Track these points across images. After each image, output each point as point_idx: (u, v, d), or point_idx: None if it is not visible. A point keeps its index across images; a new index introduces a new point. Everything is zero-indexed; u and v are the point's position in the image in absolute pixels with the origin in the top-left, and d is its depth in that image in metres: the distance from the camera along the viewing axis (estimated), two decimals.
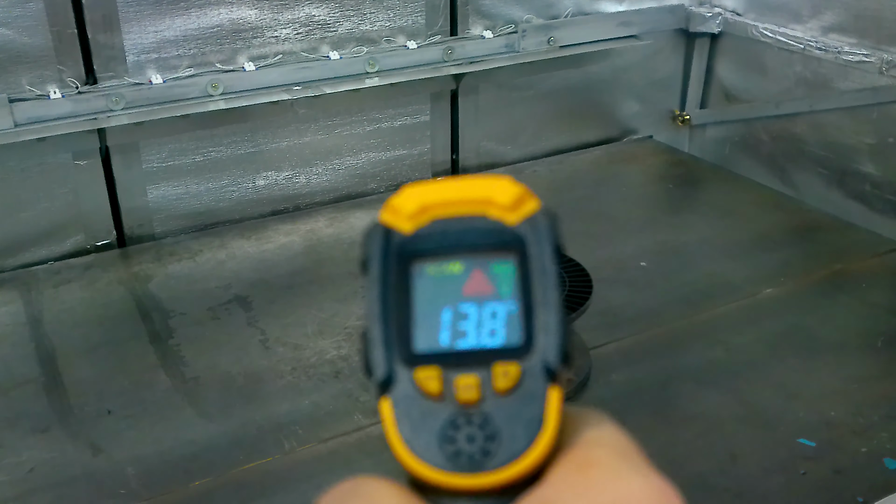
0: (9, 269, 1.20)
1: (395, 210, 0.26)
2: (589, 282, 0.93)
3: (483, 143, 1.51)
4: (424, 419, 0.24)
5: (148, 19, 1.18)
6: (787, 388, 0.94)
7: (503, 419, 0.23)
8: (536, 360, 0.24)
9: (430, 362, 0.24)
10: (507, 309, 0.25)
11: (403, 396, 0.24)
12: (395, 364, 0.24)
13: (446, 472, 0.23)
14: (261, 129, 1.32)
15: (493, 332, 0.24)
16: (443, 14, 1.38)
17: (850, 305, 1.10)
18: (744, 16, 1.54)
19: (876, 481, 0.80)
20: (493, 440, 0.23)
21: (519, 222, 0.25)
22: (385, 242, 0.25)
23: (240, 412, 0.92)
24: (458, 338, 0.24)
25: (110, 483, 0.82)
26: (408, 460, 0.24)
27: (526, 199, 0.25)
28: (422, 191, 0.25)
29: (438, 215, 0.25)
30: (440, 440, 0.23)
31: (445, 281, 0.25)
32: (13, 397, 0.94)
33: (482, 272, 0.25)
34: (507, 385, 0.24)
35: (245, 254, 1.24)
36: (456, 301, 0.25)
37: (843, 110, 1.38)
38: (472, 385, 0.24)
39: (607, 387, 0.95)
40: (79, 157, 1.21)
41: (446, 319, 0.25)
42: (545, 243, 0.25)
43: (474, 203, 0.25)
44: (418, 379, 0.24)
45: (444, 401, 0.24)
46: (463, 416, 0.24)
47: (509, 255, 0.25)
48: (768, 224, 1.33)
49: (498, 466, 0.23)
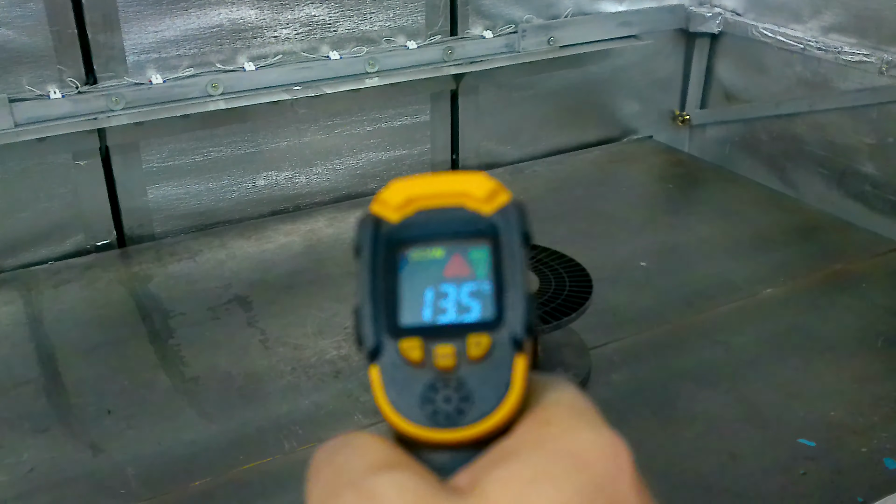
0: (9, 269, 1.20)
1: (384, 202, 0.29)
2: (589, 282, 0.93)
3: (483, 143, 1.51)
4: (408, 383, 0.27)
5: (148, 19, 1.18)
6: (787, 388, 0.94)
7: (475, 383, 0.27)
8: (505, 333, 0.27)
9: (413, 334, 0.27)
10: (481, 289, 0.28)
11: (390, 364, 0.27)
12: (383, 336, 0.28)
13: (427, 428, 0.27)
14: (261, 129, 1.32)
15: (469, 309, 0.28)
16: (443, 14, 1.38)
17: (850, 305, 1.10)
18: (744, 16, 1.54)
19: (876, 481, 0.80)
20: (466, 401, 0.27)
21: (493, 212, 0.28)
22: (375, 230, 0.28)
23: (240, 412, 0.92)
24: (439, 314, 0.28)
25: (110, 483, 0.82)
26: (394, 418, 0.27)
27: (499, 192, 0.29)
28: (407, 185, 0.29)
29: (422, 206, 0.29)
30: (421, 401, 0.27)
31: (428, 264, 0.28)
32: (13, 397, 0.94)
33: (461, 256, 0.28)
34: (479, 353, 0.27)
35: (245, 254, 1.24)
36: (438, 282, 0.28)
37: (843, 110, 1.38)
38: (449, 353, 0.27)
39: (607, 387, 0.95)
40: (79, 157, 1.21)
41: (429, 298, 0.28)
42: (515, 231, 0.28)
43: (454, 196, 0.29)
44: (402, 348, 0.27)
45: (424, 367, 0.27)
46: (441, 381, 0.27)
47: (485, 242, 0.28)
48: (768, 224, 1.33)
49: (471, 423, 0.26)
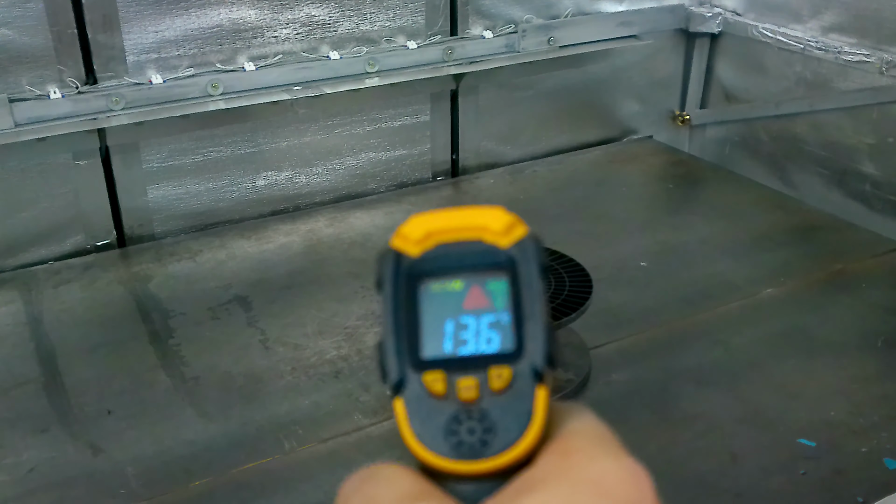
0: (9, 269, 1.20)
1: (404, 237, 0.29)
2: (589, 282, 0.93)
3: (483, 143, 1.51)
4: (432, 415, 0.28)
5: (148, 19, 1.18)
6: (787, 388, 0.94)
7: (498, 414, 0.27)
8: (525, 364, 0.28)
9: (436, 367, 0.28)
10: (500, 320, 0.28)
11: (414, 396, 0.28)
12: (406, 369, 0.28)
13: (451, 460, 0.27)
14: (261, 129, 1.32)
15: (490, 341, 0.28)
16: (443, 14, 1.38)
17: (850, 305, 1.10)
18: (744, 16, 1.54)
19: (876, 481, 0.80)
20: (490, 432, 0.27)
21: (510, 245, 0.29)
22: (396, 265, 0.29)
23: (240, 412, 0.92)
24: (460, 345, 0.28)
25: (110, 483, 0.82)
26: (418, 450, 0.27)
27: (516, 225, 0.29)
28: (427, 219, 0.29)
29: (441, 240, 0.29)
30: (445, 433, 0.27)
31: (448, 297, 0.29)
32: (13, 397, 0.94)
33: (479, 288, 0.29)
34: (501, 385, 0.27)
35: (245, 254, 1.24)
36: (457, 314, 0.29)
37: (843, 110, 1.38)
38: (472, 386, 0.28)
39: (607, 387, 0.95)
40: (79, 157, 1.21)
41: (449, 330, 0.29)
42: (532, 263, 0.29)
43: (472, 230, 0.29)
44: (426, 381, 0.28)
45: (448, 399, 0.28)
46: (464, 413, 0.27)
47: (502, 274, 0.29)
48: (768, 224, 1.33)
49: (494, 454, 0.27)
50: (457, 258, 0.29)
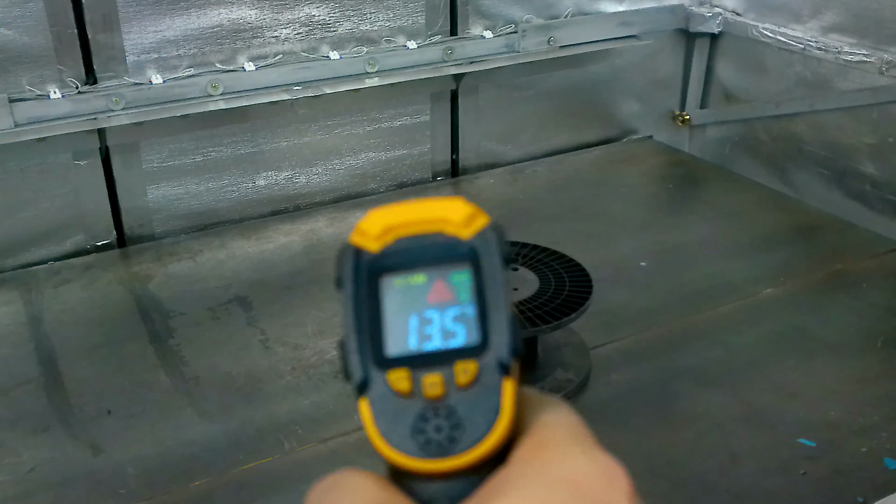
0: (9, 269, 1.20)
1: (363, 232, 0.29)
2: (589, 282, 0.93)
3: (483, 143, 1.51)
4: (398, 414, 0.27)
5: (148, 19, 1.18)
6: (787, 388, 0.94)
7: (465, 410, 0.27)
8: (491, 357, 0.27)
9: (401, 364, 0.27)
10: (465, 312, 0.28)
11: (379, 396, 0.27)
12: (370, 368, 0.28)
13: (419, 459, 0.27)
14: (261, 129, 1.32)
15: (454, 334, 0.28)
16: (443, 14, 1.38)
17: (850, 305, 1.10)
18: (744, 16, 1.54)
19: (876, 481, 0.80)
20: (457, 428, 0.27)
21: (471, 236, 0.28)
22: (356, 261, 0.28)
23: (240, 412, 0.92)
24: (424, 341, 0.28)
25: (110, 483, 0.82)
26: (385, 451, 0.27)
27: (477, 216, 0.29)
28: (385, 213, 0.29)
29: (401, 234, 0.29)
30: (412, 431, 0.27)
31: (411, 291, 0.28)
32: (13, 397, 0.94)
33: (443, 281, 0.28)
34: (467, 380, 0.27)
35: (245, 254, 1.24)
36: (421, 308, 0.28)
37: (843, 110, 1.38)
38: (437, 382, 0.27)
39: (607, 387, 0.95)
40: (79, 157, 1.21)
41: (413, 325, 0.28)
42: (494, 253, 0.28)
43: (432, 222, 0.29)
44: (391, 380, 0.27)
45: (413, 397, 0.27)
46: (431, 410, 0.27)
47: (465, 266, 0.28)
48: (768, 224, 1.33)
49: (463, 451, 0.26)
50: (418, 252, 0.28)
